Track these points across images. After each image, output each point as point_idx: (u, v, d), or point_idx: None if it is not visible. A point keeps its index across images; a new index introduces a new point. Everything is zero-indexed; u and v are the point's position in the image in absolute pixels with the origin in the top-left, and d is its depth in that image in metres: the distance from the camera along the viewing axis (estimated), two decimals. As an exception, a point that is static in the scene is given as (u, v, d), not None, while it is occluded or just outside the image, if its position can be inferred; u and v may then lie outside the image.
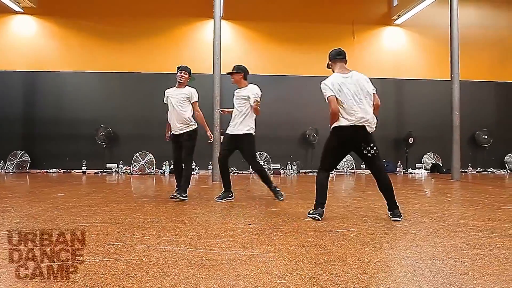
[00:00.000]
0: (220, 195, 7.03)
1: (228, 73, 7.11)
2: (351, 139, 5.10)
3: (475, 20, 16.02)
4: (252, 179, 12.24)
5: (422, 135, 15.17)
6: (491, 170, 15.66)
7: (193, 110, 7.03)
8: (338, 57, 5.39)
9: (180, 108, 6.97)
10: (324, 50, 6.07)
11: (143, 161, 13.79)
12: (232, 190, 7.19)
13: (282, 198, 7.03)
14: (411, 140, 14.88)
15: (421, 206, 6.46)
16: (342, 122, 5.05)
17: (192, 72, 7.25)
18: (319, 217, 5.10)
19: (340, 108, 5.03)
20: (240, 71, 7.11)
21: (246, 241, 3.92)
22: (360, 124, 5.02)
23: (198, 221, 4.98)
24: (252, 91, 6.91)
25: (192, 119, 7.01)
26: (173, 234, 4.19)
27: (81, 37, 14.57)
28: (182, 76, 7.12)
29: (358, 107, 5.05)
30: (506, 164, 15.96)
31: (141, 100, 14.48)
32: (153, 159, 13.88)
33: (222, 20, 11.82)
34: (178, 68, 7.23)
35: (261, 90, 6.95)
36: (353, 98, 5.05)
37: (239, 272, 2.96)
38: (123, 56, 14.51)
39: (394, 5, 15.63)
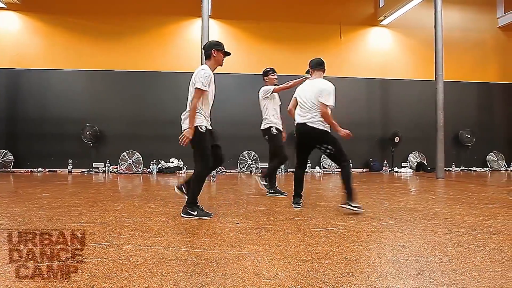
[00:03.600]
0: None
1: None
2: (300, 135, 6.00)
3: (458, 22, 16.23)
4: (240, 178, 12.26)
5: (408, 135, 15.31)
6: (474, 169, 15.86)
7: None
8: (318, 66, 6.20)
9: None
10: (312, 50, 6.16)
11: (130, 160, 13.75)
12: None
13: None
14: (397, 139, 15.01)
15: (407, 204, 6.55)
16: (296, 119, 6.08)
17: (179, 71, 7.18)
18: (298, 206, 6.00)
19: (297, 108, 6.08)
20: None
21: (233, 240, 3.94)
22: (302, 121, 5.89)
23: (186, 221, 4.99)
24: None
25: None
26: (160, 234, 4.20)
27: (66, 34, 14.45)
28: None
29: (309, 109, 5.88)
30: (488, 163, 16.17)
31: (129, 98, 14.42)
32: (141, 158, 13.84)
33: (210, 19, 11.78)
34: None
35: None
36: (303, 101, 5.97)
37: (227, 271, 2.98)
38: (110, 54, 14.42)
39: (380, 6, 15.75)
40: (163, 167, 13.76)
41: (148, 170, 13.78)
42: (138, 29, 14.62)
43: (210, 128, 5.50)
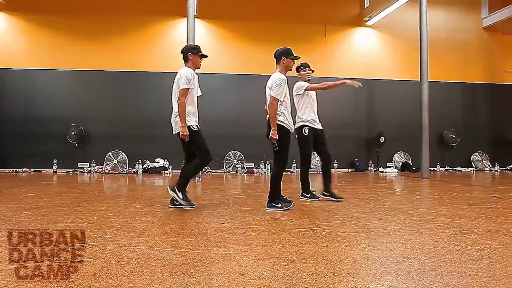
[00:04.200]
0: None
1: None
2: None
3: (443, 23, 16.36)
4: (225, 178, 12.25)
5: (393, 135, 15.40)
6: (459, 169, 16.01)
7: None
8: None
9: None
10: (298, 50, 6.15)
11: (116, 160, 13.67)
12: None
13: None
14: (382, 139, 15.10)
15: (392, 204, 6.58)
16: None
17: (165, 71, 7.20)
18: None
19: None
20: None
21: (219, 240, 3.93)
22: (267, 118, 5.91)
23: (171, 221, 4.97)
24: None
25: None
26: (146, 234, 4.17)
27: (52, 34, 14.32)
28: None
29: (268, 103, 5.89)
30: (472, 163, 16.33)
31: (114, 98, 14.34)
32: (126, 158, 13.77)
33: (196, 19, 11.76)
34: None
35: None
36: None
37: (212, 271, 2.97)
38: (95, 54, 14.32)
39: (366, 7, 15.83)
40: (149, 167, 13.69)
41: (134, 170, 13.70)
42: (124, 29, 14.54)
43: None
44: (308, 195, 6.94)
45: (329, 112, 14.41)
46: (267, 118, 5.92)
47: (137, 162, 13.65)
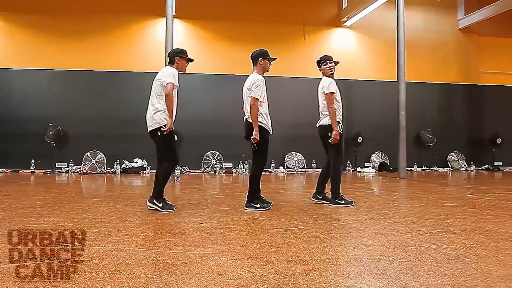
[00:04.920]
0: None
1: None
2: None
3: (420, 24, 16.54)
4: (204, 178, 12.21)
5: (370, 135, 15.51)
6: (435, 168, 16.20)
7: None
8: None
9: None
10: (276, 50, 6.16)
11: (94, 161, 13.51)
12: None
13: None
14: (360, 139, 15.20)
15: (369, 203, 6.63)
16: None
17: (144, 71, 7.11)
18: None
19: None
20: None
21: (197, 240, 3.92)
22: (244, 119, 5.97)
23: (150, 221, 4.94)
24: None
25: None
26: (124, 234, 4.14)
27: (29, 33, 14.10)
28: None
29: (246, 104, 5.95)
30: (448, 163, 16.55)
31: (92, 98, 14.17)
32: (104, 158, 13.60)
33: (174, 19, 11.70)
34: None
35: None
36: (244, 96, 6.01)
37: (191, 271, 2.95)
38: (74, 53, 14.12)
39: (343, 7, 15.92)
40: (127, 167, 13.58)
41: (112, 170, 13.56)
42: (102, 28, 14.38)
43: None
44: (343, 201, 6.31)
45: (308, 112, 14.44)
46: (244, 119, 5.96)
47: (116, 162, 13.52)
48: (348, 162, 15.24)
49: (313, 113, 14.18)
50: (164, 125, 5.56)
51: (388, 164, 15.55)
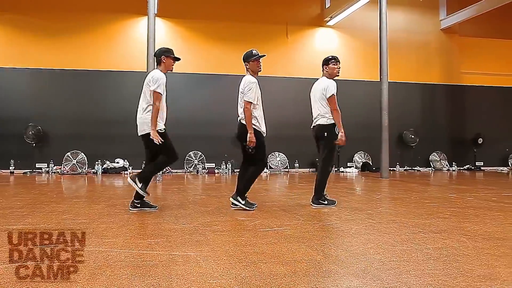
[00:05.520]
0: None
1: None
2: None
3: (403, 24, 16.66)
4: (186, 178, 12.16)
5: (353, 135, 15.43)
6: (417, 168, 16.34)
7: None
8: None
9: None
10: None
11: (75, 161, 13.37)
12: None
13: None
14: (343, 139, 15.24)
15: (352, 204, 6.65)
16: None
17: (125, 70, 7.03)
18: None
19: None
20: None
21: (179, 241, 3.88)
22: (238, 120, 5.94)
23: (131, 222, 4.89)
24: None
25: None
26: (105, 235, 4.09)
27: (8, 31, 13.93)
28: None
29: (239, 105, 5.94)
30: (431, 163, 16.70)
31: (73, 97, 14.02)
32: (85, 159, 13.47)
33: (156, 17, 11.62)
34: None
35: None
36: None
37: (173, 273, 2.92)
38: (54, 52, 13.96)
39: (326, 7, 15.97)
40: (109, 167, 13.46)
41: (93, 170, 13.44)
42: (83, 27, 14.23)
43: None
44: (326, 202, 6.31)
45: (290, 112, 14.52)
46: (238, 120, 5.94)
47: (97, 163, 13.40)
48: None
49: (296, 113, 14.31)
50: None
51: (371, 164, 15.64)
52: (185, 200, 7.02)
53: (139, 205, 5.69)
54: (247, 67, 6.05)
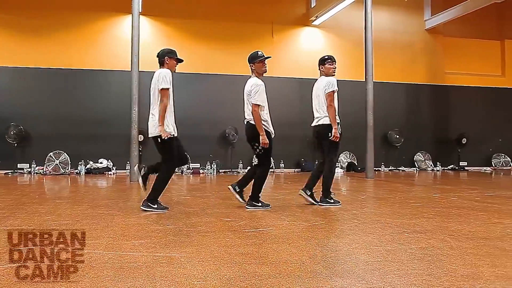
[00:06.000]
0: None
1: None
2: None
3: (388, 24, 16.72)
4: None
5: (339, 135, 15.56)
6: (402, 168, 16.42)
7: None
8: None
9: None
10: (244, 49, 6.16)
11: (57, 161, 13.22)
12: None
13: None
14: (328, 139, 15.27)
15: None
16: None
17: (109, 69, 6.98)
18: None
19: None
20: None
21: (163, 242, 3.86)
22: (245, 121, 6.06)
23: (115, 223, 4.85)
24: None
25: None
26: (87, 237, 4.01)
27: (-12, 29, 13.74)
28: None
29: (246, 107, 6.06)
30: (415, 163, 16.80)
31: (55, 97, 13.82)
32: (68, 159, 13.31)
33: (140, 16, 11.51)
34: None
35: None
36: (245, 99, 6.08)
37: (156, 274, 2.90)
38: (36, 50, 13.77)
39: (312, 6, 15.99)
40: (92, 168, 13.33)
41: (76, 171, 13.30)
42: (66, 25, 14.05)
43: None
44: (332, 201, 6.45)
45: (276, 112, 14.44)
46: (245, 122, 6.09)
47: (80, 163, 13.25)
48: (316, 162, 15.29)
49: (281, 113, 14.30)
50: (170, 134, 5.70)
51: (356, 164, 15.69)
52: (170, 200, 6.97)
53: (152, 206, 5.78)
54: (253, 68, 6.14)
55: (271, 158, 6.28)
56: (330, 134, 6.38)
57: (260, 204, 6.02)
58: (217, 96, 14.67)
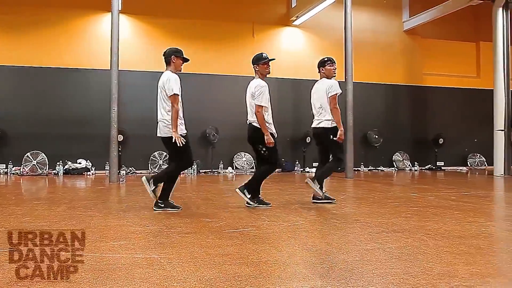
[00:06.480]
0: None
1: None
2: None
3: (368, 25, 16.83)
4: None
5: (319, 135, 15.62)
6: (381, 168, 16.56)
7: None
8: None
9: None
10: (225, 48, 6.18)
11: (35, 161, 13.03)
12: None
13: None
14: (308, 139, 15.34)
15: (317, 204, 6.69)
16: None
17: (88, 68, 6.93)
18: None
19: None
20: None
21: (143, 244, 3.85)
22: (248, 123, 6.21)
23: (93, 224, 4.81)
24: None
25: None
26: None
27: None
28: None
29: (249, 109, 6.18)
30: (394, 163, 16.97)
31: (32, 96, 13.59)
32: (46, 159, 13.12)
33: (120, 14, 11.41)
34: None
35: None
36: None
37: (136, 276, 2.89)
38: (13, 48, 13.52)
39: (292, 6, 16.03)
40: (70, 168, 13.16)
41: (54, 171, 13.12)
42: (44, 22, 13.81)
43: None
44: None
45: (257, 112, 14.48)
46: (248, 123, 6.23)
47: (58, 163, 13.07)
48: (297, 163, 15.38)
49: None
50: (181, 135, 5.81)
51: (336, 164, 15.76)
52: (149, 201, 6.88)
53: (162, 205, 5.80)
54: (256, 69, 6.27)
55: (277, 159, 6.39)
56: (331, 136, 6.60)
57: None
58: (197, 95, 14.58)
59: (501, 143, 13.07)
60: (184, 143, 5.75)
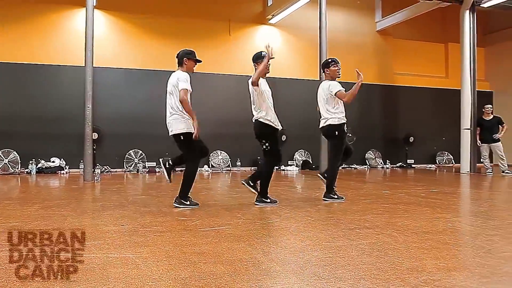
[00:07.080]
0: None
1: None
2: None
3: (341, 24, 16.99)
4: (126, 177, 11.95)
5: (294, 133, 15.74)
6: (354, 166, 16.76)
7: None
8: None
9: None
10: (201, 46, 6.22)
11: (6, 160, 12.82)
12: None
13: None
14: (283, 137, 15.42)
15: (292, 202, 6.78)
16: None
17: (62, 64, 6.86)
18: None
19: None
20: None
21: (118, 243, 3.84)
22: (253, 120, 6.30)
23: (67, 224, 4.78)
24: None
25: None
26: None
27: None
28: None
29: (253, 106, 6.35)
30: (366, 160, 17.20)
31: (4, 93, 13.30)
32: (18, 158, 12.92)
33: (95, 9, 11.27)
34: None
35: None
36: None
37: (110, 276, 2.88)
38: (-17, 44, 13.29)
39: (269, 5, 16.08)
40: (44, 167, 12.99)
41: (27, 170, 12.93)
42: (16, 17, 13.50)
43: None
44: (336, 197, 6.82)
45: (232, 110, 14.53)
46: (253, 120, 6.38)
47: (31, 162, 12.88)
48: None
49: (238, 110, 14.32)
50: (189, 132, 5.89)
51: (311, 162, 15.91)
52: (125, 200, 6.91)
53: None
54: (256, 67, 6.30)
55: (280, 154, 6.46)
56: (337, 132, 6.91)
57: (269, 201, 6.22)
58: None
59: (467, 142, 13.40)
60: (189, 140, 5.91)
